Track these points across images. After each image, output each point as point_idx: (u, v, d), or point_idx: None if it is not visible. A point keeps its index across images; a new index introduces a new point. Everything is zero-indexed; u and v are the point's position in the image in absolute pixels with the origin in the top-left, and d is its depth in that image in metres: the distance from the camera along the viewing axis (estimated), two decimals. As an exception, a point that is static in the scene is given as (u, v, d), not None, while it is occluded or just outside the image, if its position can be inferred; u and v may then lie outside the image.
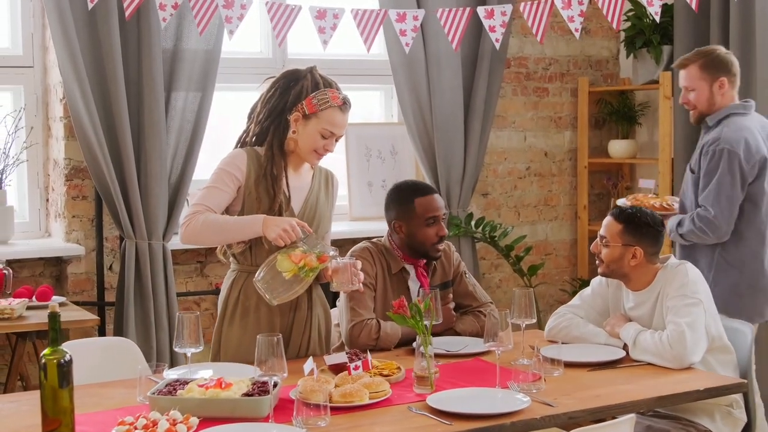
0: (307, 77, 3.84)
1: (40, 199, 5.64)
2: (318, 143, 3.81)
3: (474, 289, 4.25)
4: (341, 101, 3.83)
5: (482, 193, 6.51)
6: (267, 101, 3.86)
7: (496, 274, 6.57)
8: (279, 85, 3.86)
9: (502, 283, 6.56)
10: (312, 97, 3.79)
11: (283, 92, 3.84)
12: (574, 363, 3.68)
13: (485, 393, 3.30)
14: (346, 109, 3.86)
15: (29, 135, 5.50)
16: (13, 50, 5.53)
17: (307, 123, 3.80)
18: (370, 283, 4.06)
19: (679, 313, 3.75)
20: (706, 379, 3.57)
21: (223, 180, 3.78)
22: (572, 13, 5.11)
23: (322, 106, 3.79)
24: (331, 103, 3.80)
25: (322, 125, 3.79)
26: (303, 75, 3.85)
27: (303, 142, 3.82)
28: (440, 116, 6.09)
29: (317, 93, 3.80)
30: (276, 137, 3.83)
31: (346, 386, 3.21)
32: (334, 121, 3.81)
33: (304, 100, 3.80)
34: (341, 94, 3.85)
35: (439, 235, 4.08)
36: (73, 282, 5.46)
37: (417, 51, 6.01)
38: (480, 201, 6.50)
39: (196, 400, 3.05)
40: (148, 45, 5.29)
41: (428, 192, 4.14)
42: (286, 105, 3.82)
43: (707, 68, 4.70)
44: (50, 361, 2.83)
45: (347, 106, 3.86)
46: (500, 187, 6.58)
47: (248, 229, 3.71)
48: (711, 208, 4.49)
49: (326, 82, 3.86)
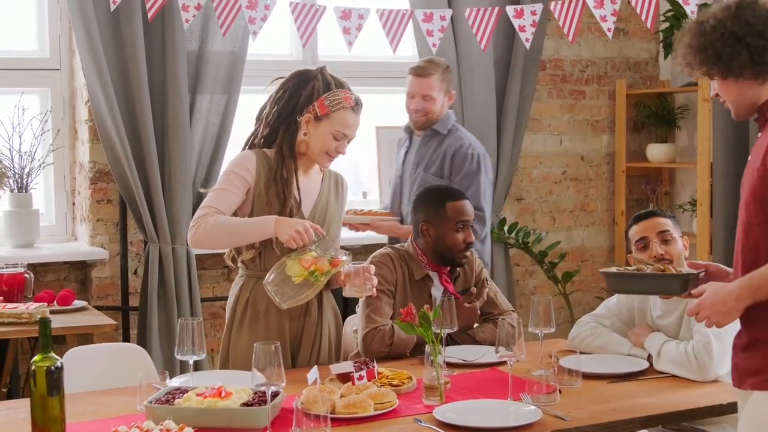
0: (317, 78, 3.73)
1: (66, 202, 5.60)
2: (330, 145, 3.71)
3: (496, 297, 4.13)
4: (354, 102, 3.73)
5: (516, 198, 6.38)
6: (276, 102, 3.76)
7: (530, 280, 6.43)
8: (289, 86, 3.76)
9: (536, 290, 6.41)
10: (324, 98, 3.69)
11: (293, 93, 3.74)
12: (594, 374, 3.54)
13: (495, 405, 3.17)
14: (358, 110, 3.76)
15: (56, 138, 5.46)
16: (41, 53, 5.51)
17: (318, 125, 3.70)
18: (389, 290, 3.95)
19: (706, 322, 3.58)
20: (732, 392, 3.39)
21: (232, 182, 3.69)
22: (605, 13, 4.99)
23: (334, 107, 3.69)
24: (343, 104, 3.70)
25: (334, 127, 3.69)
26: (313, 75, 3.75)
27: (315, 144, 3.72)
28: (472, 119, 5.97)
29: (329, 94, 3.70)
30: (286, 139, 3.74)
31: (350, 397, 3.10)
32: (347, 122, 3.71)
33: (316, 102, 3.70)
34: (353, 95, 3.75)
35: (467, 241, 3.97)
36: (97, 286, 5.41)
37: (448, 52, 5.89)
38: (514, 206, 6.36)
39: (193, 410, 2.95)
40: (172, 47, 5.23)
41: (460, 197, 4.04)
42: (297, 106, 3.72)
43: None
44: (39, 368, 2.76)
45: (359, 106, 3.76)
46: (535, 192, 6.43)
47: (260, 230, 3.61)
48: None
49: (338, 82, 3.76)
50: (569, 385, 3.45)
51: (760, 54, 2.81)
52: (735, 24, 2.83)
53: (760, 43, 2.81)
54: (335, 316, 3.90)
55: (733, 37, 2.82)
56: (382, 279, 3.90)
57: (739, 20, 2.83)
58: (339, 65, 6.07)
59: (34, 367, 2.76)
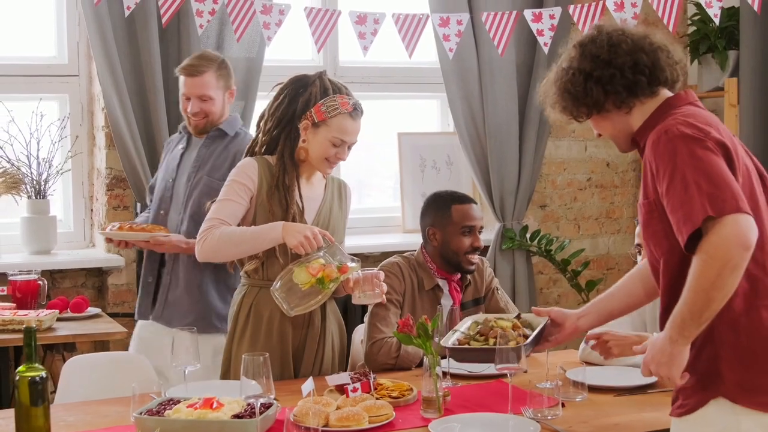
0: (315, 83, 3.67)
1: (84, 209, 5.58)
2: (329, 152, 3.65)
3: (506, 306, 4.06)
4: (351, 107, 3.66)
5: (540, 205, 6.28)
6: (275, 109, 3.71)
7: (554, 289, 6.33)
8: (287, 92, 3.71)
9: (560, 299, 6.31)
10: (320, 104, 3.63)
11: (292, 100, 3.69)
12: (601, 387, 3.46)
13: (493, 419, 3.08)
14: (357, 116, 3.68)
15: (74, 144, 5.45)
16: (59, 59, 5.50)
17: (316, 131, 3.64)
18: (396, 300, 3.89)
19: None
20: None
21: (235, 191, 3.64)
22: (625, 16, 4.91)
23: (331, 113, 3.63)
24: (340, 109, 3.63)
25: (332, 133, 3.63)
26: (311, 81, 3.69)
27: (313, 151, 3.66)
28: (493, 125, 5.89)
29: (326, 99, 3.64)
30: (287, 147, 3.69)
31: (344, 410, 3.04)
32: (345, 128, 3.65)
33: (313, 108, 3.64)
34: (351, 100, 3.68)
35: (473, 245, 3.90)
36: (113, 293, 5.38)
37: (469, 58, 5.82)
38: (538, 213, 6.27)
39: (182, 421, 2.90)
40: (188, 52, 5.18)
41: (466, 201, 4.00)
42: (295, 113, 3.67)
43: None
44: (23, 378, 2.73)
45: (358, 112, 3.69)
46: (559, 198, 6.33)
47: (267, 236, 3.54)
48: None
49: (335, 87, 3.69)
50: (574, 398, 3.36)
51: (611, 83, 2.74)
52: (582, 61, 2.77)
53: (608, 72, 2.74)
54: (339, 326, 3.84)
55: (582, 74, 2.76)
56: (391, 289, 3.85)
57: (584, 56, 2.78)
58: (360, 71, 6.04)
59: (18, 377, 2.73)
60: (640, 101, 2.76)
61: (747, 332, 2.58)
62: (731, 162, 2.57)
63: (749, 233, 2.44)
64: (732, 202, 2.45)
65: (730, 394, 2.58)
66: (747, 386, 2.58)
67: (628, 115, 2.78)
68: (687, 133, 2.56)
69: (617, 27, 2.82)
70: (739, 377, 2.58)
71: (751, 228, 2.45)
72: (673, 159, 2.54)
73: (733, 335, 2.59)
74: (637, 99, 2.76)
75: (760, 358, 2.58)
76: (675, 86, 2.80)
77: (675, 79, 2.79)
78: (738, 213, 2.44)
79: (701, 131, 2.57)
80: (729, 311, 2.55)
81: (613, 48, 2.75)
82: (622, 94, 2.75)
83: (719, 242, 2.43)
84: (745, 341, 2.58)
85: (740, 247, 2.42)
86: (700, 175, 2.49)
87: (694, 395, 2.63)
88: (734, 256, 2.42)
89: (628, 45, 2.75)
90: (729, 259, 2.42)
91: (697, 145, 2.54)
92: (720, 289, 2.44)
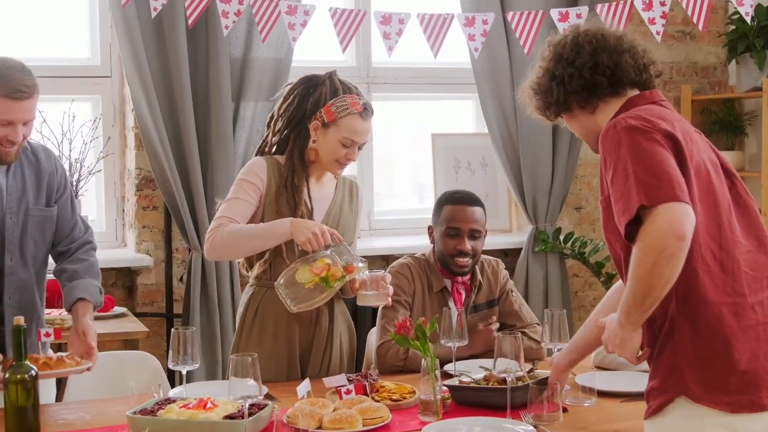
0: (325, 83, 3.65)
1: (116, 209, 5.62)
2: (339, 152, 3.62)
3: (520, 309, 3.99)
4: (361, 107, 3.62)
5: (575, 207, 6.20)
6: (285, 109, 3.69)
7: (590, 292, 6.24)
8: (297, 92, 3.68)
9: (596, 302, 6.19)
10: (330, 104, 3.60)
11: (302, 99, 3.66)
12: (609, 392, 3.39)
13: (489, 424, 3.03)
14: (367, 116, 3.64)
15: (106, 145, 5.49)
16: (92, 60, 5.54)
17: (326, 132, 3.61)
18: (406, 301, 3.85)
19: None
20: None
21: (244, 190, 3.62)
22: (654, 15, 4.82)
23: (341, 113, 3.59)
24: (350, 109, 3.60)
25: (341, 133, 3.60)
26: (321, 81, 3.66)
27: (323, 152, 3.63)
28: (526, 126, 5.82)
29: (336, 100, 3.61)
30: (297, 146, 3.66)
31: (337, 411, 3.01)
32: (355, 128, 3.61)
33: (323, 108, 3.61)
34: (362, 100, 3.65)
35: (456, 248, 3.83)
36: (142, 293, 5.42)
37: (501, 57, 5.77)
38: (573, 215, 6.19)
39: (173, 421, 2.90)
40: (215, 53, 5.22)
41: (460, 201, 3.92)
42: (306, 113, 3.64)
43: None
44: (12, 377, 2.74)
45: (368, 112, 3.65)
46: (594, 200, 6.24)
47: (276, 231, 3.50)
48: None
49: (345, 87, 3.66)
50: (581, 403, 3.30)
51: (570, 83, 2.73)
52: (549, 61, 2.79)
53: (567, 72, 2.73)
54: (348, 328, 3.81)
55: (548, 74, 2.77)
56: (400, 290, 3.81)
57: (552, 56, 2.78)
58: (393, 71, 6.02)
59: (7, 375, 2.74)
60: (604, 101, 2.74)
61: (706, 328, 2.52)
62: (680, 154, 2.52)
63: (683, 222, 2.38)
64: (668, 191, 2.41)
65: (692, 393, 2.52)
66: (708, 385, 2.51)
67: (593, 115, 2.76)
68: (633, 124, 2.53)
69: (592, 28, 2.79)
70: (699, 375, 2.52)
71: (686, 216, 2.39)
72: (617, 150, 2.51)
73: (692, 331, 2.53)
74: (599, 99, 2.74)
75: (721, 356, 2.52)
76: (648, 87, 2.77)
77: (644, 80, 2.76)
78: (673, 202, 2.39)
79: (649, 123, 2.54)
80: (688, 307, 2.52)
81: (576, 48, 2.74)
82: (581, 94, 2.74)
83: (652, 231, 2.39)
84: (705, 338, 2.52)
85: (673, 236, 2.37)
86: (639, 165, 2.45)
87: (660, 395, 2.59)
88: (669, 245, 2.36)
89: (592, 45, 2.73)
90: (663, 248, 2.37)
91: (641, 136, 2.51)
92: (658, 277, 2.40)
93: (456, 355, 3.61)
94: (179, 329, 3.19)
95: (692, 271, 2.49)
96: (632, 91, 2.74)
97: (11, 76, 3.18)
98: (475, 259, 3.88)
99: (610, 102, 2.72)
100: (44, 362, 3.03)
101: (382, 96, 6.05)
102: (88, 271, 3.47)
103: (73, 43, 5.56)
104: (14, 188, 3.30)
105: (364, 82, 5.97)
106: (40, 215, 3.37)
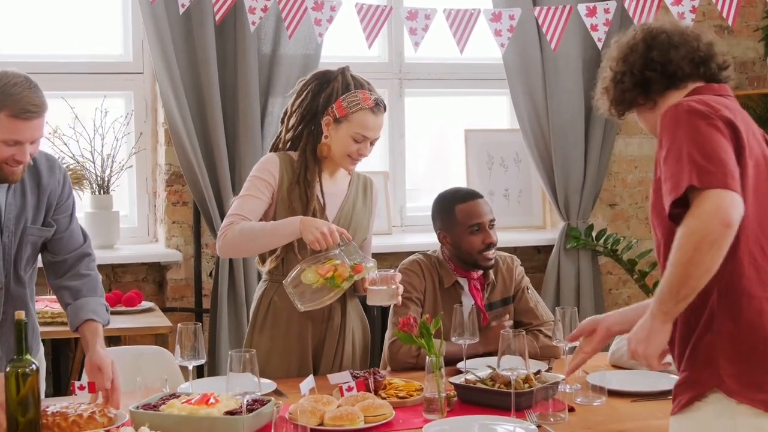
0: (337, 79, 3.64)
1: (148, 204, 5.66)
2: (351, 148, 3.60)
3: (536, 306, 3.94)
4: (373, 102, 3.60)
5: (609, 204, 6.13)
6: (299, 105, 3.69)
7: (624, 290, 6.17)
8: (310, 88, 3.68)
9: (630, 300, 6.14)
10: (342, 100, 3.59)
11: (315, 95, 3.65)
12: (620, 392, 3.34)
13: (492, 422, 3.00)
14: (378, 111, 3.62)
15: (138, 140, 5.53)
16: (125, 57, 5.59)
17: (338, 127, 3.60)
18: (417, 298, 3.82)
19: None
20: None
21: (256, 187, 3.63)
22: (683, 9, 4.76)
23: (352, 108, 3.58)
24: (361, 105, 3.59)
25: (353, 129, 3.58)
26: (334, 76, 3.65)
27: (336, 147, 3.62)
28: (558, 122, 5.77)
29: (347, 95, 3.60)
30: (310, 142, 3.66)
31: (339, 408, 3.00)
32: (366, 123, 3.59)
33: (334, 103, 3.60)
34: (373, 95, 3.63)
35: (485, 242, 3.80)
36: (172, 288, 5.45)
37: (532, 51, 5.72)
38: (606, 212, 6.12)
39: (174, 417, 2.90)
40: (243, 49, 5.23)
41: (469, 198, 3.87)
42: (318, 108, 3.64)
43: None
44: (12, 371, 2.76)
45: (380, 107, 3.63)
46: (629, 197, 6.17)
47: (286, 230, 3.50)
48: None
49: (357, 82, 3.64)
50: (591, 402, 3.26)
51: (623, 81, 2.72)
52: (611, 60, 2.78)
53: (621, 70, 2.73)
54: (362, 324, 3.79)
55: (611, 72, 2.77)
56: (411, 287, 3.79)
57: (614, 55, 2.78)
58: (426, 67, 6.00)
59: (8, 369, 2.77)
60: (662, 96, 2.70)
61: (747, 324, 2.46)
62: (739, 143, 2.47)
63: (731, 210, 2.32)
64: (721, 177, 2.35)
65: (727, 388, 2.45)
66: (744, 381, 2.45)
67: (654, 110, 2.72)
68: (695, 107, 2.49)
69: (655, 24, 2.76)
70: (736, 370, 2.45)
71: (734, 205, 2.33)
72: (675, 130, 2.47)
73: (732, 325, 2.47)
74: (656, 94, 2.70)
75: (760, 352, 2.45)
76: (716, 80, 2.70)
77: (703, 73, 2.69)
78: (725, 189, 2.34)
79: (711, 108, 2.49)
80: (730, 299, 2.46)
81: (632, 47, 2.74)
82: (636, 91, 2.72)
83: (699, 214, 2.33)
84: (744, 333, 2.46)
85: (719, 222, 2.31)
86: (695, 147, 2.41)
87: (691, 389, 2.52)
88: (713, 230, 2.31)
89: (646, 42, 2.72)
90: (707, 233, 2.31)
91: (701, 120, 2.46)
92: (698, 265, 2.32)
93: (470, 352, 3.58)
94: (184, 325, 3.19)
95: (737, 262, 2.45)
96: (696, 84, 2.68)
97: (19, 94, 2.96)
98: (496, 251, 3.87)
99: (670, 95, 2.68)
100: (74, 420, 2.89)
101: (414, 92, 6.04)
102: (93, 289, 3.33)
103: (107, 39, 5.61)
104: (13, 206, 3.18)
105: (396, 78, 5.96)
106: (37, 234, 3.24)
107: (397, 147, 6.02)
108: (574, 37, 5.63)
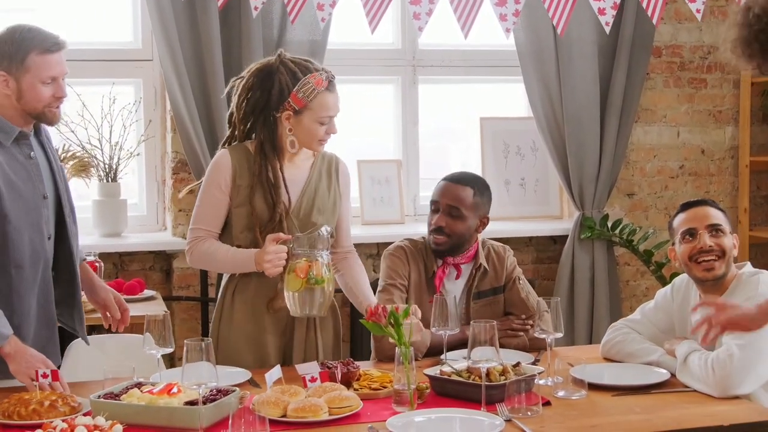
0: (280, 70, 3.53)
1: (157, 192, 5.63)
2: (319, 132, 3.53)
3: (527, 297, 3.84)
4: (326, 82, 3.52)
5: (627, 193, 5.99)
6: (245, 102, 3.60)
7: (642, 281, 6.03)
8: (253, 85, 3.58)
9: (649, 292, 5.99)
10: (296, 92, 3.50)
11: (261, 91, 3.56)
12: (601, 385, 3.23)
13: (460, 416, 2.91)
14: (333, 88, 3.55)
15: (147, 128, 5.50)
16: (134, 44, 5.55)
17: (300, 118, 3.52)
18: (401, 284, 3.75)
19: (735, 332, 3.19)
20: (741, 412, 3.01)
21: (211, 194, 3.59)
22: (695, -2, 4.59)
23: (309, 97, 3.49)
24: (317, 89, 3.50)
25: (316, 114, 3.51)
26: (275, 68, 3.55)
27: (304, 137, 3.55)
28: (572, 109, 5.65)
29: (300, 86, 3.50)
30: (266, 137, 3.58)
31: (302, 399, 2.93)
32: (327, 104, 3.52)
33: (290, 98, 3.51)
34: (323, 74, 3.54)
35: (432, 223, 3.78)
36: (178, 276, 5.42)
37: (546, 37, 5.61)
38: (624, 202, 5.98)
39: (134, 407, 2.86)
40: (248, 35, 5.18)
41: (448, 179, 3.85)
42: (268, 103, 3.55)
43: None
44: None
45: (333, 83, 3.56)
46: (648, 187, 6.03)
47: (243, 268, 3.54)
48: None
49: (302, 67, 3.55)
50: (570, 395, 3.16)
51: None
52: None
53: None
54: (333, 310, 3.71)
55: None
56: (394, 272, 3.74)
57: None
58: (440, 54, 5.90)
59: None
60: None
61: None
62: None
63: None
64: None
65: None
66: None
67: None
68: None
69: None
70: None
71: None
72: None
73: None
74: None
75: None
76: None
77: None
78: None
79: None
80: None
81: None
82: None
83: None
84: None
85: None
86: None
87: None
88: None
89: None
90: None
91: None
92: None
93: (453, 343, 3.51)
94: (151, 315, 3.15)
95: None
96: None
97: (38, 33, 3.26)
98: (452, 239, 3.75)
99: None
100: (34, 409, 2.88)
101: (428, 79, 5.94)
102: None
103: (116, 26, 5.58)
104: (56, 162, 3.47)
105: (410, 65, 5.87)
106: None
107: (410, 135, 5.92)
108: (588, 22, 5.50)
